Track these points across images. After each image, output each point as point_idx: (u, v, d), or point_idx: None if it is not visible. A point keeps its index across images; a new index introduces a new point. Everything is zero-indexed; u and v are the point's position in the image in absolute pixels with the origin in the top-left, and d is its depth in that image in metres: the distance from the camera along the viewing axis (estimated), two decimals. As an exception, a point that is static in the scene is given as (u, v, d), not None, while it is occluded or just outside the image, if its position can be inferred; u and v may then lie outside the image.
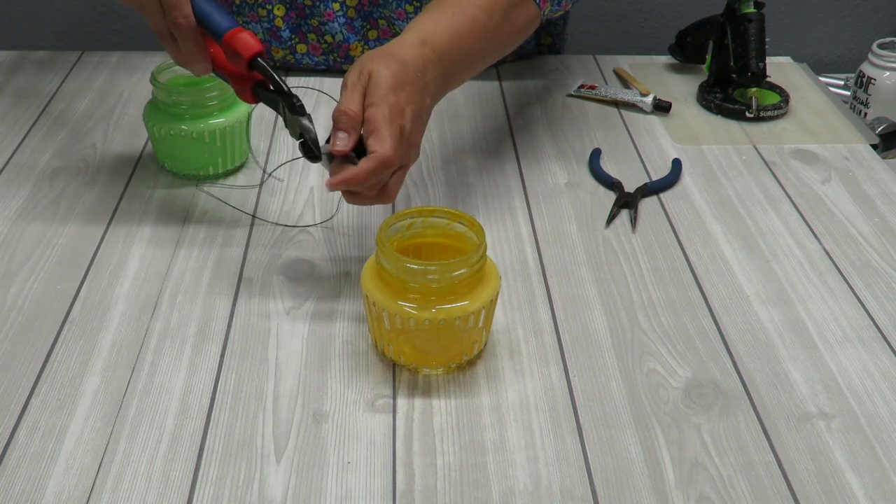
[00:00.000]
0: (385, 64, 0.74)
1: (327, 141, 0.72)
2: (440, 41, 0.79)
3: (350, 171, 0.69)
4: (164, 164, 0.93)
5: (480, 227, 0.67)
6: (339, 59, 1.14)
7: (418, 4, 1.08)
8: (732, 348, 0.72)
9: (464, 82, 0.86)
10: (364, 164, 0.69)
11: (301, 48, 1.13)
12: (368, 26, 1.12)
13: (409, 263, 0.64)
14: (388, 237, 0.67)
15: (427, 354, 0.68)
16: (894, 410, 0.67)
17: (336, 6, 1.09)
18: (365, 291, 0.67)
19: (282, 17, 1.10)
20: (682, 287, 0.79)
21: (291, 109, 0.73)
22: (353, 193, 0.73)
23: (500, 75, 1.17)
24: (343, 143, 0.71)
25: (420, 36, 0.79)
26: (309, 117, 0.73)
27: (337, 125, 0.72)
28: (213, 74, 0.78)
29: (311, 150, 0.72)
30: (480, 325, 0.67)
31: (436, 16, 0.82)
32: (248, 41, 0.73)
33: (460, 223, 0.69)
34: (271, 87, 0.75)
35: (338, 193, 0.89)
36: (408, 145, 0.73)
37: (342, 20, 1.11)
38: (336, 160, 0.72)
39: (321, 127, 0.75)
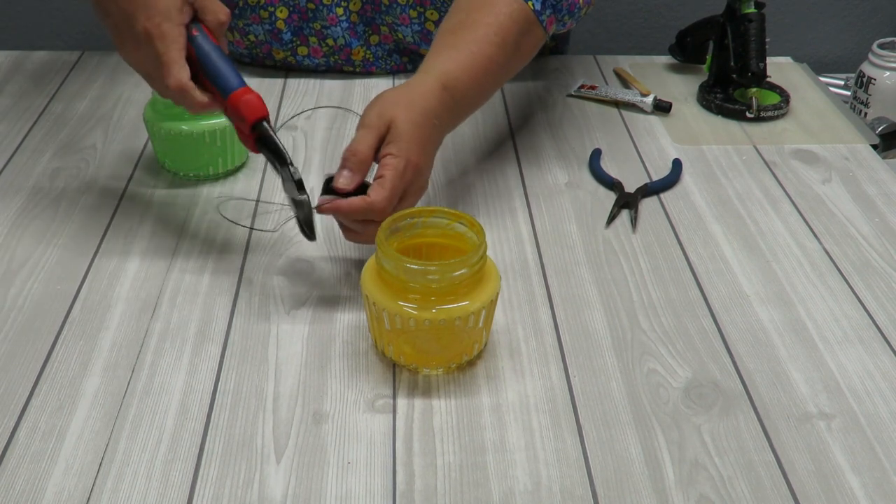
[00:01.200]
0: (407, 113, 0.76)
1: (327, 185, 0.74)
2: (460, 85, 0.82)
3: (339, 201, 0.73)
4: (164, 164, 0.93)
5: (480, 227, 0.67)
6: (340, 62, 1.14)
7: (421, 10, 1.08)
8: (732, 348, 0.72)
9: (470, 113, 0.88)
10: (354, 200, 0.72)
11: (302, 50, 1.13)
12: (370, 31, 1.12)
13: (409, 263, 0.64)
14: (388, 237, 0.67)
15: (427, 354, 0.68)
16: (894, 410, 0.67)
17: (339, 11, 1.09)
18: (365, 291, 0.67)
19: (284, 20, 1.10)
20: (682, 287, 0.79)
21: (289, 183, 0.73)
22: (348, 229, 0.76)
23: (501, 75, 1.17)
24: (346, 182, 0.73)
25: (442, 80, 0.81)
26: (306, 193, 0.72)
27: (344, 164, 0.74)
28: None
29: (303, 229, 0.73)
30: (480, 325, 0.67)
31: (455, 55, 0.84)
32: (253, 104, 0.72)
33: (460, 223, 0.69)
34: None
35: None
36: (419, 185, 0.77)
37: (345, 25, 1.10)
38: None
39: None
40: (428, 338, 0.66)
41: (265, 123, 0.73)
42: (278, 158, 0.73)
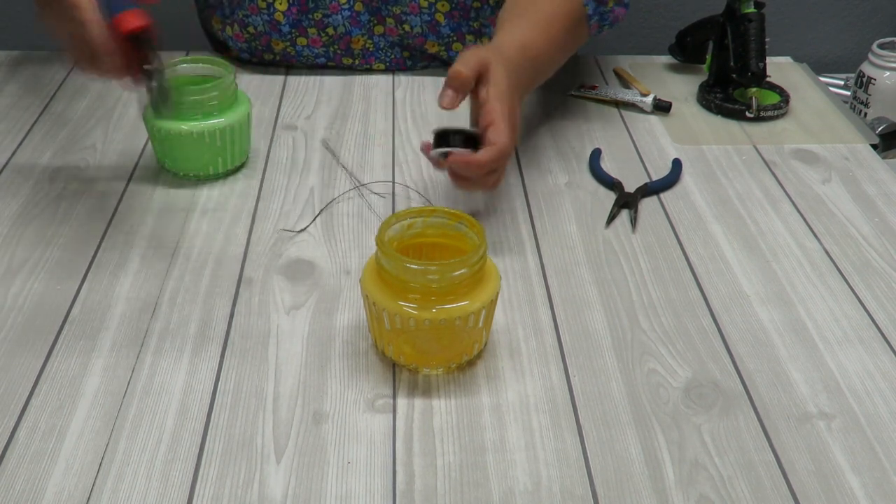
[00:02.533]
0: (503, 63, 0.82)
1: (440, 140, 0.79)
2: (535, 47, 0.89)
3: (472, 156, 0.77)
4: (164, 164, 0.93)
5: (480, 227, 0.67)
6: (339, 52, 1.14)
7: (433, 0, 1.09)
8: (732, 348, 0.72)
9: (533, 87, 0.95)
10: (485, 152, 0.77)
11: (301, 41, 1.13)
12: (375, 21, 1.12)
13: (410, 263, 0.64)
14: (388, 237, 0.67)
15: (427, 354, 0.68)
16: (894, 410, 0.67)
17: (343, 0, 1.09)
18: (365, 291, 0.67)
19: (283, 12, 1.10)
20: (682, 287, 0.79)
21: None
22: (465, 178, 0.80)
23: (500, 75, 1.16)
24: (450, 101, 0.79)
25: (519, 41, 0.87)
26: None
27: (449, 84, 0.80)
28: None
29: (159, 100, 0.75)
30: (480, 325, 0.67)
31: (526, 25, 0.91)
32: (128, 17, 0.72)
33: (460, 223, 0.69)
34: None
35: (332, 194, 0.90)
36: (516, 133, 0.81)
37: (347, 13, 1.10)
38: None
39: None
40: (428, 338, 0.66)
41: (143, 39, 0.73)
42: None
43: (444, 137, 0.79)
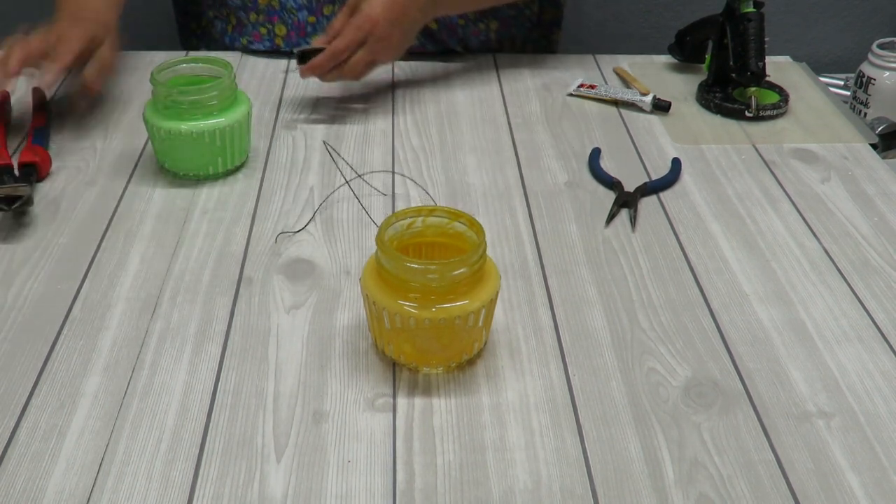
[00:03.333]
0: None
1: (304, 58, 1.00)
2: None
3: (313, 60, 0.99)
4: (164, 164, 0.93)
5: (480, 226, 0.67)
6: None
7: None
8: (732, 347, 0.72)
9: (457, 11, 1.09)
10: (322, 55, 0.98)
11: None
12: None
13: (409, 262, 0.64)
14: (388, 236, 0.67)
15: (427, 353, 0.68)
16: (894, 409, 0.67)
17: None
18: (365, 291, 0.67)
19: (282, 37, 1.13)
20: (681, 286, 0.79)
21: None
22: (332, 68, 1.00)
23: (500, 75, 1.17)
24: (318, 43, 1.00)
25: None
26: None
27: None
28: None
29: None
30: (480, 324, 0.67)
31: None
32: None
33: (460, 222, 0.69)
34: None
35: (336, 200, 0.90)
36: (377, 43, 0.98)
37: None
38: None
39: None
40: (428, 337, 0.66)
41: None
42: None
43: (306, 55, 0.99)
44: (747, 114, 1.07)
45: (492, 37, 1.21)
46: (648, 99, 1.08)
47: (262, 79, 1.14)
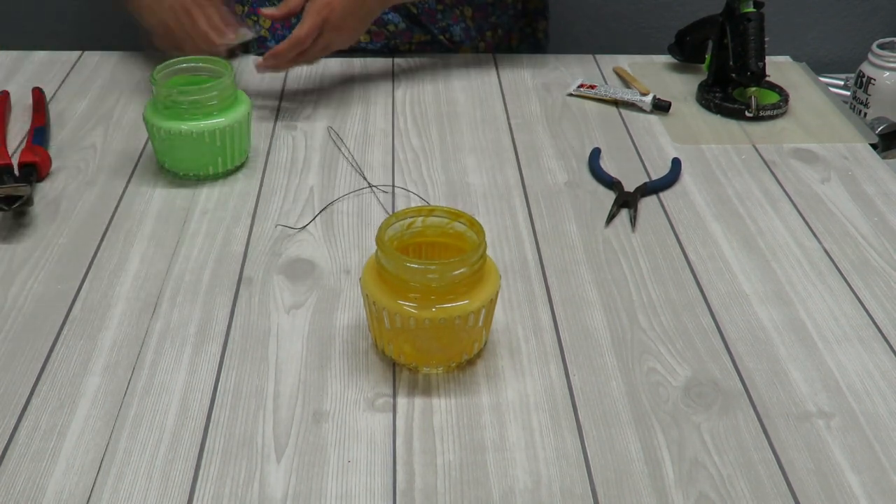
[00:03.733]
0: None
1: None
2: None
3: (274, 47, 1.00)
4: (164, 164, 0.93)
5: (480, 226, 0.67)
6: None
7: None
8: (732, 347, 0.72)
9: None
10: (283, 43, 0.99)
11: None
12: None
13: (409, 262, 0.64)
14: (388, 236, 0.67)
15: (427, 353, 0.68)
16: (893, 409, 0.67)
17: None
18: (365, 291, 0.67)
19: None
20: (681, 286, 0.79)
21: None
22: (288, 59, 1.01)
23: (500, 75, 1.17)
24: (272, 15, 1.02)
25: None
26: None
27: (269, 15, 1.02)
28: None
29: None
30: (480, 324, 0.67)
31: None
32: None
33: (460, 222, 0.69)
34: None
35: (333, 194, 0.90)
36: (333, 30, 1.00)
37: None
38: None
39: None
40: (428, 337, 0.66)
41: None
42: None
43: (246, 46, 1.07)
44: (747, 114, 1.07)
45: (470, 24, 1.21)
46: (648, 99, 1.09)
47: (262, 79, 1.14)
